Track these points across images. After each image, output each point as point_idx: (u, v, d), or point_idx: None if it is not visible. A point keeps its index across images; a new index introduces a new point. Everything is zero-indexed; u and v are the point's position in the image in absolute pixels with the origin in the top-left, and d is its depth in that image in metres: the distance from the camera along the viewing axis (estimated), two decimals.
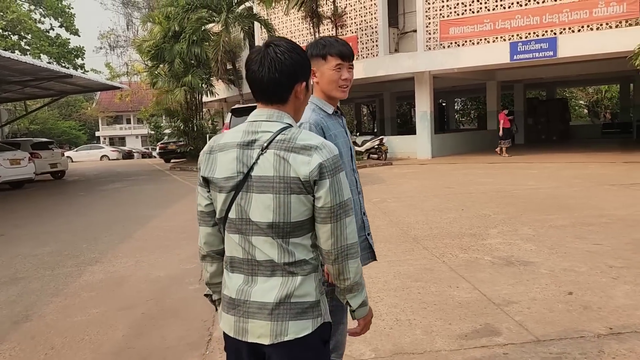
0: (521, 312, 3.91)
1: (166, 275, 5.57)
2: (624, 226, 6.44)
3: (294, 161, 1.53)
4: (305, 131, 1.62)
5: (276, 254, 1.59)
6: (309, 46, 2.33)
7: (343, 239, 1.60)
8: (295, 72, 1.63)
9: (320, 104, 2.34)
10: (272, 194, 1.55)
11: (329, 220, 1.57)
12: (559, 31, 15.90)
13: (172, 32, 19.94)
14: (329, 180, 1.55)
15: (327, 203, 1.56)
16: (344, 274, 1.64)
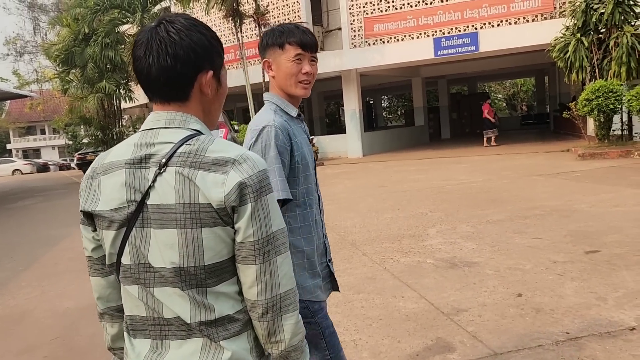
0: (473, 322, 3.61)
1: (76, 306, 4.88)
2: (558, 217, 6.40)
3: (203, 182, 1.10)
4: (219, 140, 1.17)
5: (188, 311, 1.15)
6: (264, 34, 1.91)
7: (274, 287, 1.16)
8: (197, 57, 1.16)
9: (282, 104, 1.91)
10: (175, 229, 1.11)
11: (253, 261, 1.14)
12: (479, 26, 16.24)
13: (83, 35, 18.61)
14: (250, 206, 1.12)
15: (248, 237, 1.12)
16: (276, 334, 1.18)
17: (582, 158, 11.95)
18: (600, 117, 12.59)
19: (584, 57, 13.01)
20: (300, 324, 1.23)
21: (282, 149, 1.80)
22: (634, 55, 12.34)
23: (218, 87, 1.24)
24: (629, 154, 11.46)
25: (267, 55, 1.93)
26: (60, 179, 25.60)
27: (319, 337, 1.90)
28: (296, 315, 1.21)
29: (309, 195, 1.91)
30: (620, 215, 6.17)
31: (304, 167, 1.89)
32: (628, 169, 9.90)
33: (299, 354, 1.24)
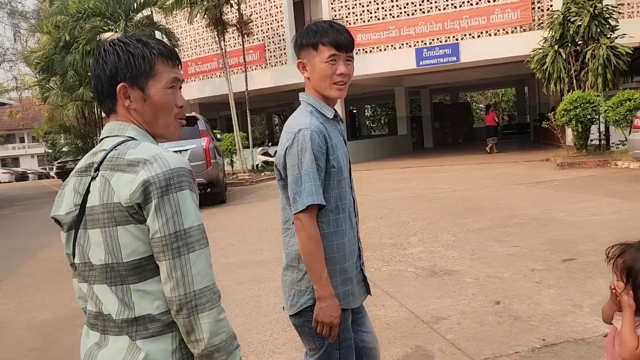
0: (452, 329, 3.65)
1: (53, 317, 4.81)
2: (537, 226, 6.49)
3: (117, 182, 1.21)
4: (144, 144, 1.26)
5: (115, 308, 1.23)
6: (298, 34, 1.86)
7: (187, 283, 1.18)
8: (111, 74, 1.29)
9: (318, 105, 1.87)
10: (99, 228, 1.23)
11: (163, 257, 1.18)
12: (460, 37, 16.47)
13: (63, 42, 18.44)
14: (154, 203, 1.17)
15: (156, 233, 1.18)
16: (194, 333, 1.19)
17: (560, 167, 12.15)
18: (578, 127, 12.83)
19: (561, 68, 13.26)
20: (222, 324, 1.21)
21: (318, 152, 1.77)
22: (610, 67, 12.62)
23: (143, 96, 1.31)
24: (606, 164, 11.68)
25: (301, 55, 1.87)
26: (39, 187, 25.22)
27: (334, 348, 1.86)
28: (215, 314, 1.20)
29: (342, 200, 1.87)
30: (597, 224, 6.28)
31: (338, 171, 1.85)
32: (605, 178, 10.09)
33: (223, 356, 1.22)
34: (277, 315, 4.24)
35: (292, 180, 1.77)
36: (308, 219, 1.75)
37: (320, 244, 1.77)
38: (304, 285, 1.85)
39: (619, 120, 11.81)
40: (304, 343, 1.97)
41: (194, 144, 10.61)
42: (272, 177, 16.99)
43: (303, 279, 1.85)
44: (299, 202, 1.74)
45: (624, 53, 12.56)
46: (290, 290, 1.89)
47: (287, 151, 1.80)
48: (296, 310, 1.88)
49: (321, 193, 1.76)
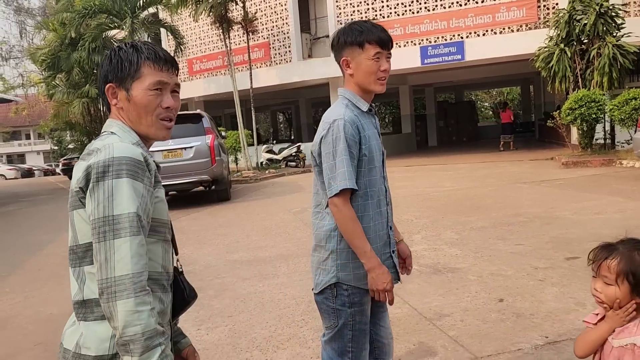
0: (454, 326, 3.66)
1: (59, 312, 4.84)
2: (541, 224, 6.49)
3: (76, 169, 1.33)
4: (112, 136, 1.37)
5: (73, 290, 1.34)
6: (340, 32, 1.97)
7: (109, 268, 1.21)
8: (105, 74, 1.44)
9: (354, 99, 1.99)
10: (74, 211, 1.33)
11: (94, 240, 1.24)
12: (465, 35, 16.43)
13: (69, 40, 18.50)
14: (90, 186, 1.26)
15: (90, 215, 1.26)
16: (112, 319, 1.21)
17: (565, 166, 12.12)
18: (583, 126, 12.79)
19: (567, 66, 13.22)
20: (140, 316, 1.18)
21: (351, 141, 1.90)
22: (616, 66, 12.57)
23: (128, 97, 1.41)
24: (611, 163, 11.65)
25: (344, 54, 1.98)
26: (45, 184, 25.35)
27: (347, 328, 1.96)
28: (131, 304, 1.19)
29: (371, 187, 1.99)
30: (601, 223, 6.28)
31: (369, 160, 1.98)
32: (610, 177, 10.06)
33: (138, 349, 1.19)
34: (282, 311, 4.27)
35: (327, 166, 1.90)
36: (342, 202, 1.88)
37: (357, 222, 1.90)
38: (329, 265, 1.96)
39: (624, 119, 11.77)
40: (323, 321, 2.08)
41: (199, 141, 10.64)
42: (276, 175, 17.03)
43: (328, 259, 1.96)
44: (333, 187, 1.87)
45: (630, 51, 12.51)
46: (317, 270, 2.02)
47: (322, 140, 1.94)
48: (320, 288, 2.00)
49: (354, 178, 1.89)
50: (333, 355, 1.99)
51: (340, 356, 1.97)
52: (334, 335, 1.99)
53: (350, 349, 1.96)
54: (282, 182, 15.14)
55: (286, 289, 4.82)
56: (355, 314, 1.97)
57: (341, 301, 1.96)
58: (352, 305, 1.97)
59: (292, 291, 4.75)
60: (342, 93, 2.05)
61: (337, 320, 1.96)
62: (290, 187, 13.59)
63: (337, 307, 1.96)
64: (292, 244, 6.68)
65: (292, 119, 36.86)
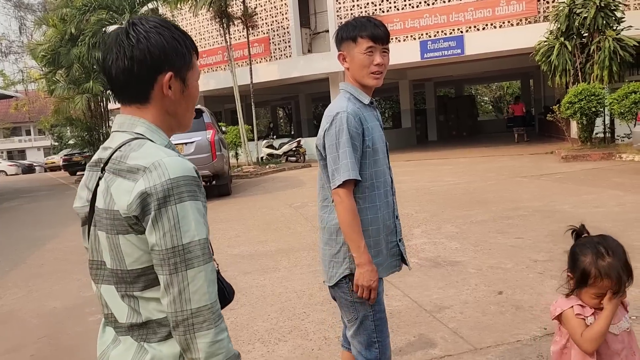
0: (454, 318, 3.70)
1: (63, 305, 4.89)
2: (540, 218, 6.52)
3: (117, 190, 1.15)
4: (148, 145, 1.19)
5: (123, 311, 1.22)
6: (339, 28, 2.05)
7: (183, 301, 1.12)
8: (153, 58, 1.20)
9: (355, 92, 2.05)
10: (104, 232, 1.19)
11: (161, 271, 1.13)
12: (465, 29, 16.42)
13: (69, 35, 18.46)
14: (152, 215, 1.11)
15: (154, 246, 1.13)
16: (190, 351, 1.14)
17: (565, 160, 12.14)
18: (583, 119, 12.80)
19: (567, 60, 13.22)
20: (221, 345, 1.14)
21: (354, 133, 1.94)
22: (616, 59, 12.57)
23: (183, 88, 1.26)
24: (611, 156, 11.67)
25: (342, 48, 2.04)
26: (46, 180, 25.38)
27: (369, 319, 2.01)
28: (212, 335, 1.13)
29: (378, 178, 2.04)
30: (601, 216, 6.31)
31: (374, 152, 2.02)
32: (609, 170, 10.09)
33: None
34: (283, 304, 4.31)
35: (330, 158, 1.94)
36: (345, 193, 1.91)
37: (357, 216, 1.93)
38: (341, 257, 2.00)
39: (624, 112, 11.78)
40: (343, 315, 2.13)
41: (200, 137, 10.67)
42: (277, 170, 17.06)
43: (340, 251, 2.00)
44: (336, 178, 1.91)
45: (630, 45, 12.50)
46: (329, 263, 2.05)
47: (326, 132, 1.98)
48: (335, 280, 2.03)
49: (357, 169, 1.93)
50: (361, 348, 2.03)
51: (368, 348, 2.01)
52: (357, 328, 2.02)
53: (376, 339, 2.01)
54: (282, 177, 15.17)
55: (287, 283, 4.86)
56: (374, 304, 2.01)
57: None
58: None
59: (294, 284, 4.78)
60: (344, 87, 2.09)
61: (357, 312, 2.01)
62: (290, 182, 13.62)
63: (354, 300, 2.00)
64: (293, 239, 6.72)
65: (292, 114, 36.84)
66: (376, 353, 2.01)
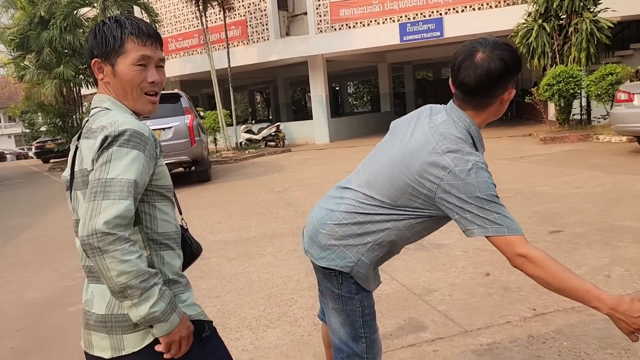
0: (443, 301, 3.69)
1: (42, 296, 4.76)
2: (523, 199, 6.56)
3: (84, 149, 1.39)
4: (112, 112, 1.42)
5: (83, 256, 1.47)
6: None
7: (93, 225, 1.26)
8: (90, 49, 1.49)
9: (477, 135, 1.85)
10: (79, 190, 1.42)
11: (86, 199, 1.31)
12: (444, 12, 16.37)
13: (39, 18, 17.88)
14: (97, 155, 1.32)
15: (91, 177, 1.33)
16: (104, 276, 1.29)
17: (543, 142, 12.27)
18: (561, 102, 12.92)
19: (545, 42, 13.29)
20: (133, 264, 1.27)
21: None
22: (593, 42, 12.68)
23: (114, 72, 1.46)
24: (588, 138, 11.82)
25: (510, 83, 1.74)
26: (18, 168, 24.77)
27: (357, 315, 1.86)
28: (119, 253, 1.26)
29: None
30: (582, 197, 6.37)
31: None
32: (587, 152, 10.22)
33: (136, 292, 1.29)
34: (270, 290, 4.25)
35: (476, 209, 1.66)
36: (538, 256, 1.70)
37: (556, 265, 1.70)
38: (350, 253, 1.81)
39: (601, 94, 11.91)
40: (327, 299, 1.93)
41: (178, 122, 10.46)
42: (256, 155, 16.91)
43: (354, 247, 1.81)
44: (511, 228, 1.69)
45: (606, 27, 12.61)
46: (330, 246, 1.83)
47: (466, 176, 1.63)
48: (325, 265, 1.85)
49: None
50: (347, 339, 1.88)
51: (355, 341, 1.86)
52: (344, 320, 1.87)
53: (363, 334, 1.87)
54: (262, 162, 15.04)
55: (273, 269, 4.80)
56: (363, 300, 1.86)
57: (347, 288, 1.84)
58: (360, 291, 1.85)
59: (280, 270, 4.72)
60: (470, 128, 1.76)
61: (343, 305, 1.86)
62: (271, 167, 13.51)
63: (342, 294, 1.85)
64: (277, 224, 6.65)
65: (269, 99, 36.51)
66: (363, 347, 1.88)
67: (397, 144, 1.82)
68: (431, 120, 1.77)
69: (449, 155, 1.64)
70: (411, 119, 1.87)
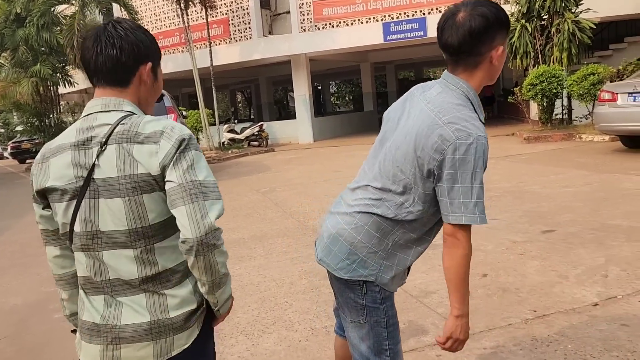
0: (442, 303, 3.63)
1: (24, 302, 4.58)
2: (512, 198, 6.56)
3: (139, 154, 1.33)
4: (148, 117, 1.41)
5: (132, 269, 1.37)
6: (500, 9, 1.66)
7: (206, 225, 1.30)
8: (139, 51, 1.43)
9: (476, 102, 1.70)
10: (120, 198, 1.33)
11: (182, 202, 1.30)
12: (427, 11, 16.40)
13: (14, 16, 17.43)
14: (175, 159, 1.33)
15: (174, 182, 1.32)
16: (212, 270, 1.36)
17: (527, 141, 12.35)
18: (544, 101, 13.02)
19: (528, 42, 13.38)
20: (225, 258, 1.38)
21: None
22: (574, 42, 12.81)
23: (154, 80, 1.49)
24: (571, 137, 11.93)
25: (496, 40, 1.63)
26: None
27: (381, 326, 1.77)
28: (225, 255, 1.38)
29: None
30: (571, 196, 6.39)
31: None
32: (571, 151, 10.30)
33: (228, 282, 1.44)
34: (263, 294, 4.15)
35: (460, 188, 1.58)
36: (466, 237, 1.63)
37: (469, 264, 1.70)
38: (372, 260, 1.72)
39: (583, 94, 12.04)
40: (346, 312, 1.82)
41: None
42: (240, 155, 16.74)
43: (375, 254, 1.73)
44: (463, 215, 1.60)
45: (587, 28, 12.75)
46: (352, 255, 1.73)
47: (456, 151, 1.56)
48: (347, 277, 1.74)
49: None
50: (369, 354, 1.78)
51: (378, 355, 1.76)
52: (367, 333, 1.77)
53: (387, 347, 1.77)
54: (246, 162, 14.88)
55: (265, 271, 4.69)
56: (387, 309, 1.77)
57: (372, 298, 1.74)
58: (385, 301, 1.76)
59: (272, 273, 4.62)
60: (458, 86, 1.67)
61: (367, 316, 1.75)
62: (255, 166, 13.37)
63: (367, 304, 1.75)
64: (265, 225, 6.53)
65: (251, 98, 36.25)
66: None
67: (395, 129, 1.75)
68: (425, 96, 1.71)
69: (450, 126, 1.57)
70: (403, 102, 1.80)
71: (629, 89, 8.61)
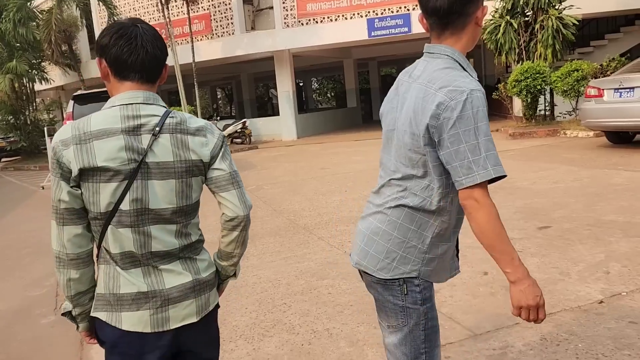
0: (445, 303, 3.56)
1: (8, 308, 4.38)
2: (504, 195, 6.53)
3: (193, 144, 1.57)
4: (189, 114, 1.65)
5: (173, 240, 1.58)
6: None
7: (247, 207, 1.68)
8: (165, 53, 1.64)
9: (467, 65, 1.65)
10: (174, 179, 1.54)
11: (232, 187, 1.63)
12: (412, 7, 16.36)
13: None
14: (223, 151, 1.63)
15: (223, 170, 1.62)
16: (244, 243, 1.76)
17: (513, 137, 12.40)
18: (528, 97, 13.09)
19: (512, 39, 13.43)
20: None
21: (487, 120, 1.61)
22: (558, 38, 12.88)
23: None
24: (556, 133, 12.01)
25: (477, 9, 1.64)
26: None
27: (420, 328, 1.68)
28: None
29: None
30: (562, 191, 6.39)
31: None
32: (558, 147, 10.35)
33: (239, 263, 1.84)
34: (259, 295, 4.03)
35: (465, 148, 1.50)
36: (484, 195, 1.55)
37: (500, 221, 1.59)
38: (414, 254, 1.65)
39: (567, 90, 12.12)
40: (383, 317, 1.76)
41: None
42: None
43: (415, 248, 1.65)
44: (476, 173, 1.50)
45: (571, 24, 12.83)
46: (391, 253, 1.66)
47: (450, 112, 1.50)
48: (391, 276, 1.66)
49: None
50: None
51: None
52: (404, 337, 1.68)
53: (424, 350, 1.68)
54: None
55: (259, 272, 4.57)
56: (428, 311, 1.68)
57: (412, 298, 1.66)
58: (425, 302, 1.67)
59: (267, 273, 4.50)
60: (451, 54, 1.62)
61: (407, 319, 1.67)
62: (240, 164, 13.18)
63: (407, 305, 1.66)
64: (255, 224, 6.40)
65: (232, 95, 35.91)
66: None
67: (395, 118, 1.71)
68: (412, 76, 1.68)
69: (442, 90, 1.52)
70: (395, 92, 1.76)
71: (615, 84, 8.67)
